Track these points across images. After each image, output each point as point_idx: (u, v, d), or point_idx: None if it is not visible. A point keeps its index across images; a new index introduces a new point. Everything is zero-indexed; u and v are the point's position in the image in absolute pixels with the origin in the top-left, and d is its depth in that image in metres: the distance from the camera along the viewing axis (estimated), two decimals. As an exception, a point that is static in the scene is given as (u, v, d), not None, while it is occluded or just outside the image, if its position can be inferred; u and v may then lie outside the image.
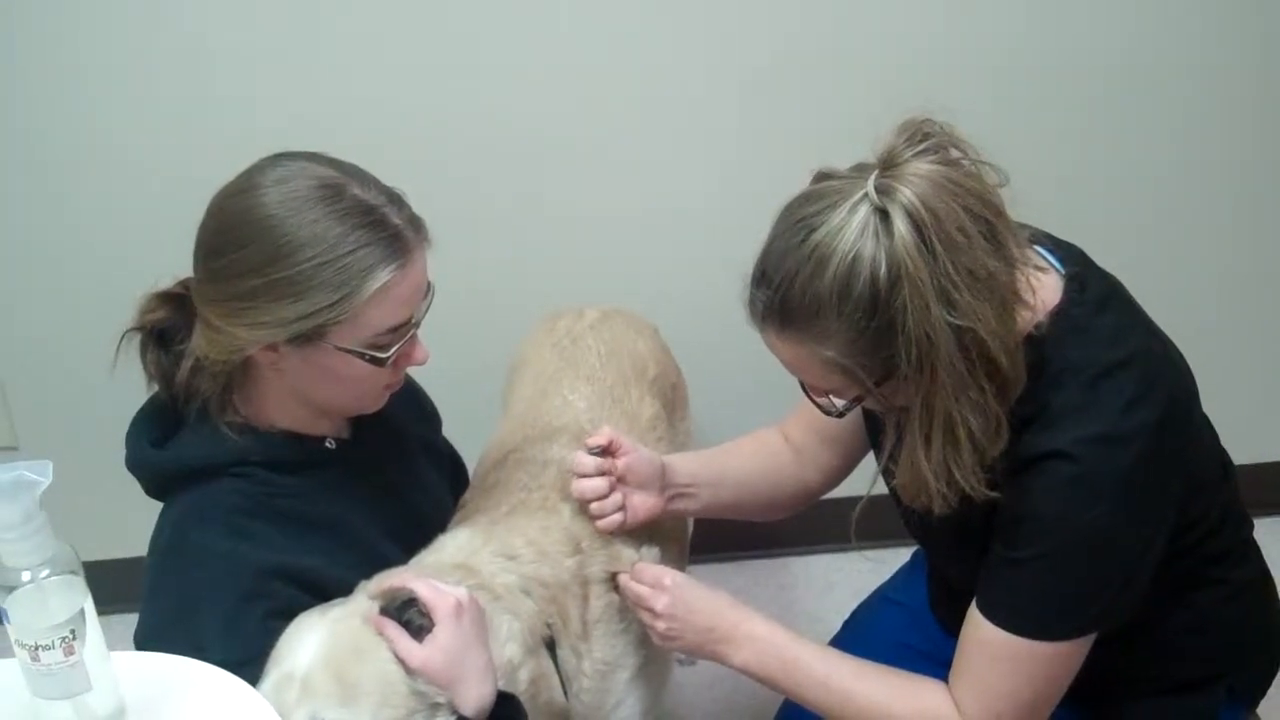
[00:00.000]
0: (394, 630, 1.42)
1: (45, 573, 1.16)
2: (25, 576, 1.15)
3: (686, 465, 1.89)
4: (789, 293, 1.40)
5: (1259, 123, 2.68)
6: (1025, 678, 1.53)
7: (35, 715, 1.22)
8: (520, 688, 1.56)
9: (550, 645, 1.65)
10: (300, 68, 2.46)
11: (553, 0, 2.44)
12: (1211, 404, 1.66)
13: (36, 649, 1.17)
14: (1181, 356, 1.60)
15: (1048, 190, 1.83)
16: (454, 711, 1.42)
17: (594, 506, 1.77)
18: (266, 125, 2.13)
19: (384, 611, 1.44)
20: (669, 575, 1.73)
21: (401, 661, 1.41)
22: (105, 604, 1.32)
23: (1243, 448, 1.84)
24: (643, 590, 1.73)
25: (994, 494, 1.46)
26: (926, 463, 1.44)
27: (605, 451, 1.78)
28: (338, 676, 1.37)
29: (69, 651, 1.18)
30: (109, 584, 1.71)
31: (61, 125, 2.48)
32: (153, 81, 2.44)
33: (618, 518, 1.77)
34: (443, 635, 1.43)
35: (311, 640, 1.40)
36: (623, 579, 1.76)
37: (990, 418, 1.41)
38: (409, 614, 1.44)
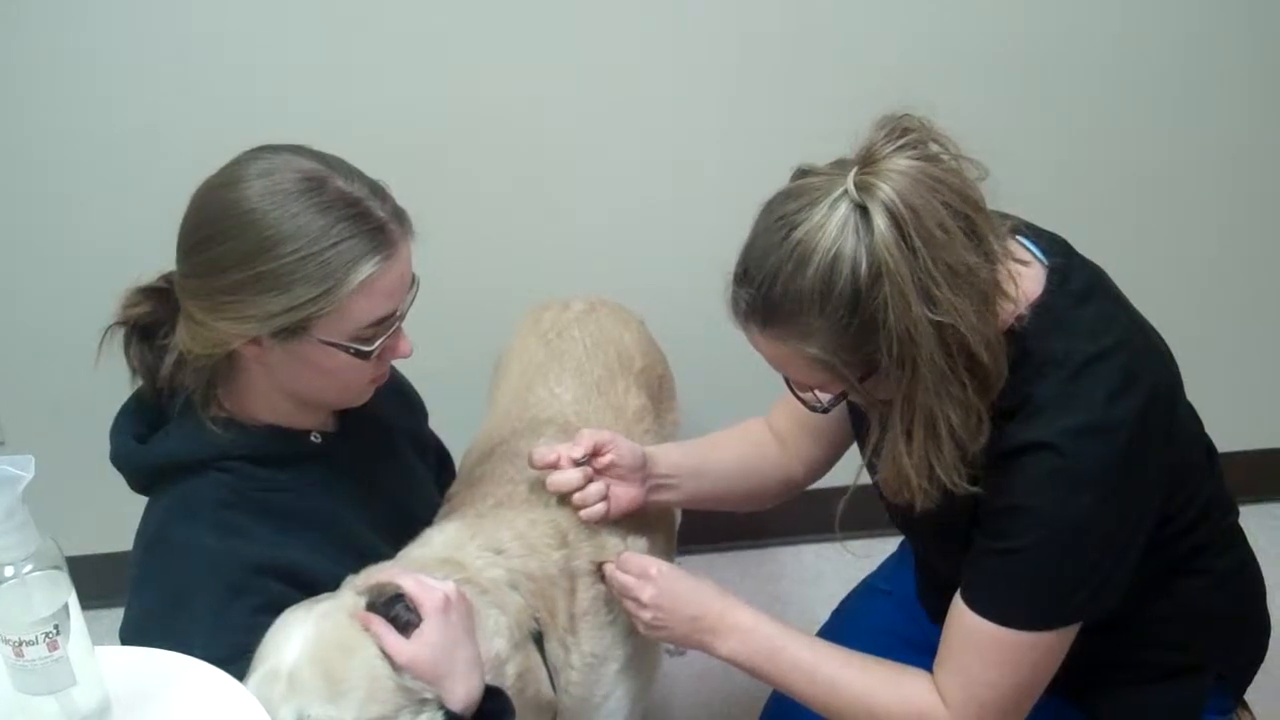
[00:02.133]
0: (381, 626, 1.42)
1: (28, 568, 1.16)
2: (8, 571, 1.15)
3: (668, 456, 1.89)
4: (771, 291, 1.40)
5: (1247, 112, 2.69)
6: (1009, 667, 1.53)
7: (20, 710, 1.22)
8: (508, 682, 1.55)
9: (538, 639, 1.65)
10: (288, 60, 2.45)
11: (539, -4, 2.45)
12: (1196, 391, 1.66)
13: (20, 644, 1.16)
14: (1165, 345, 1.60)
15: (1031, 180, 1.84)
16: (441, 706, 1.42)
17: (576, 497, 1.77)
18: (251, 115, 2.11)
19: (371, 607, 1.44)
20: (655, 565, 1.73)
21: (388, 657, 1.40)
22: (91, 599, 1.32)
23: (1227, 435, 1.85)
24: (628, 580, 1.73)
25: (975, 489, 1.46)
26: (908, 458, 1.44)
27: (593, 455, 1.78)
28: (324, 672, 1.37)
29: (53, 647, 1.17)
30: (95, 579, 1.71)
31: (43, 122, 2.47)
32: (135, 76, 2.44)
33: (601, 507, 1.77)
34: (430, 630, 1.42)
35: (298, 636, 1.40)
36: (608, 569, 1.76)
37: (971, 413, 1.42)
38: (396, 609, 1.44)
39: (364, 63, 2.46)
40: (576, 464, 1.78)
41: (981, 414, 1.43)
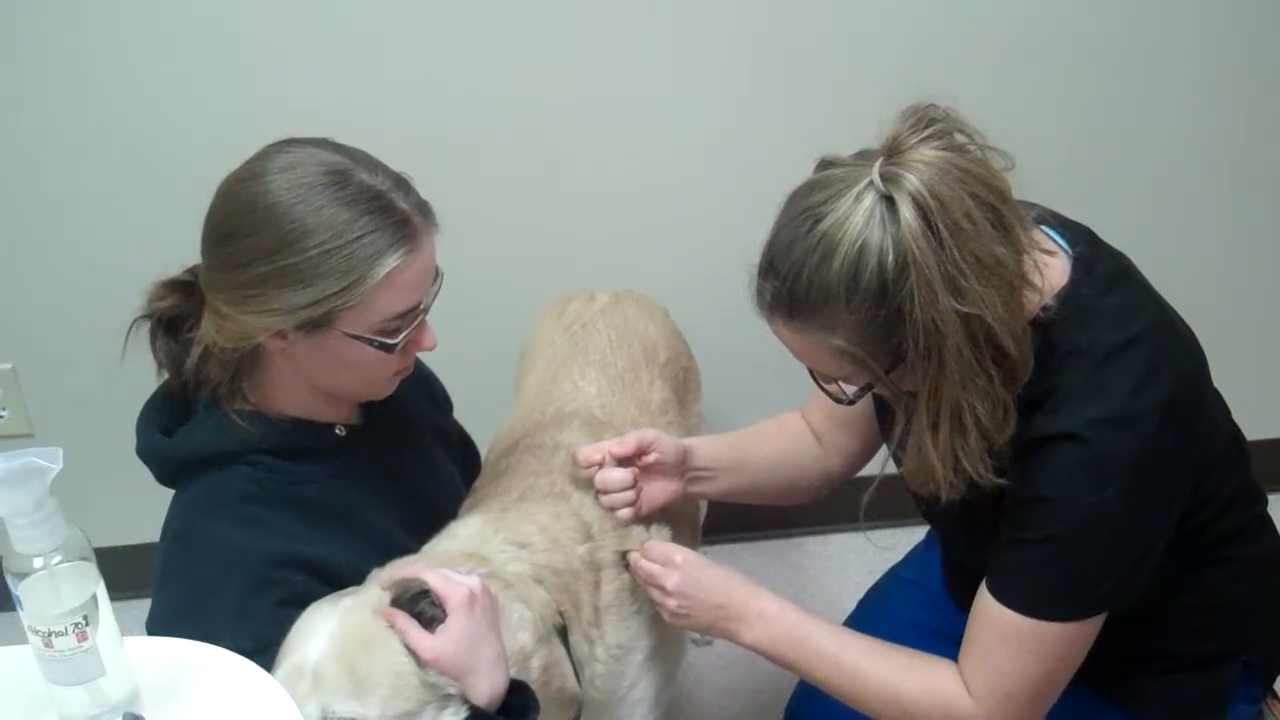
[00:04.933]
0: (405, 622, 1.42)
1: (57, 559, 1.16)
2: (37, 563, 1.15)
3: (707, 449, 1.90)
4: (796, 283, 1.40)
5: (1263, 93, 2.66)
6: (1034, 658, 1.53)
7: (50, 701, 1.23)
8: (532, 676, 1.55)
9: (562, 633, 1.65)
10: (309, 54, 2.45)
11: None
12: (1224, 380, 1.65)
13: (49, 635, 1.17)
14: (1191, 333, 1.59)
15: (1053, 167, 1.82)
16: (466, 702, 1.42)
17: (605, 499, 1.78)
18: (275, 111, 2.13)
19: (395, 602, 1.44)
20: (680, 553, 1.73)
21: (413, 653, 1.41)
22: (119, 590, 1.32)
23: (1256, 423, 1.84)
24: (653, 568, 1.73)
25: (1001, 481, 1.46)
26: (934, 450, 1.44)
27: (638, 455, 1.78)
28: (349, 669, 1.37)
29: (82, 637, 1.18)
30: (123, 570, 1.72)
31: (71, 114, 2.48)
32: (161, 69, 2.45)
33: (629, 512, 1.78)
34: (455, 626, 1.43)
35: (322, 632, 1.40)
36: (633, 557, 1.76)
37: (998, 404, 1.41)
38: (421, 605, 1.44)
39: (386, 56, 2.46)
40: (620, 462, 1.78)
41: (1008, 405, 1.42)
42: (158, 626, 1.54)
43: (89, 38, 2.41)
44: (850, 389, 1.54)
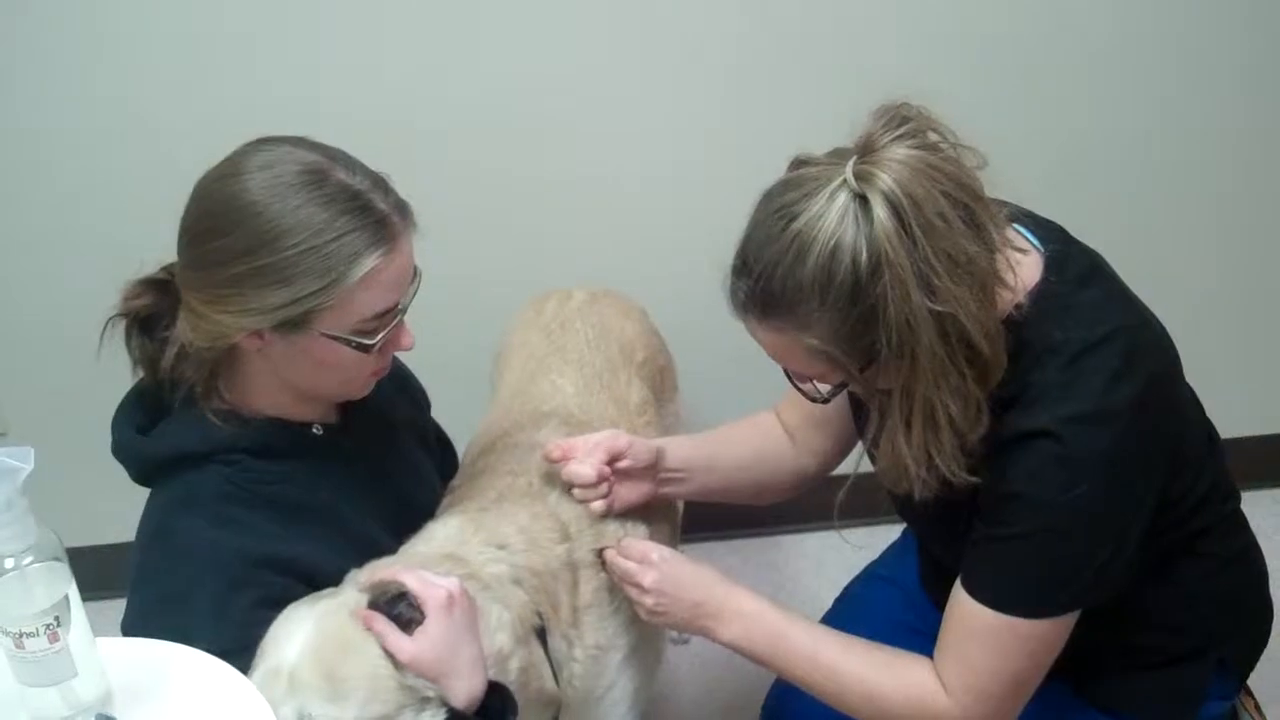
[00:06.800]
0: (383, 624, 1.42)
1: (28, 559, 1.16)
2: (8, 563, 1.15)
3: (679, 450, 1.90)
4: (770, 282, 1.40)
5: (1246, 91, 2.67)
6: (1009, 654, 1.53)
7: (21, 702, 1.22)
8: (511, 677, 1.55)
9: (540, 633, 1.64)
10: (287, 52, 2.45)
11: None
12: (1197, 378, 1.66)
13: (21, 636, 1.17)
14: (1164, 331, 1.60)
15: (1031, 166, 1.83)
16: (444, 704, 1.42)
17: (578, 493, 1.78)
18: (252, 108, 2.12)
19: (373, 604, 1.44)
20: (656, 550, 1.73)
21: (391, 656, 1.40)
22: (93, 590, 1.32)
23: (1229, 421, 1.85)
24: (630, 565, 1.73)
25: (974, 479, 1.46)
26: (907, 448, 1.44)
27: (608, 462, 1.78)
28: (325, 671, 1.37)
29: (54, 638, 1.18)
30: (96, 570, 1.72)
31: (48, 115, 2.47)
32: (137, 67, 2.44)
33: (602, 504, 1.78)
34: (433, 628, 1.42)
35: (299, 634, 1.40)
36: (609, 554, 1.76)
37: (970, 402, 1.42)
38: (399, 607, 1.43)
39: (363, 55, 2.46)
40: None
41: (980, 404, 1.43)
42: (133, 627, 1.52)
43: (67, 33, 2.40)
44: (824, 388, 1.54)
